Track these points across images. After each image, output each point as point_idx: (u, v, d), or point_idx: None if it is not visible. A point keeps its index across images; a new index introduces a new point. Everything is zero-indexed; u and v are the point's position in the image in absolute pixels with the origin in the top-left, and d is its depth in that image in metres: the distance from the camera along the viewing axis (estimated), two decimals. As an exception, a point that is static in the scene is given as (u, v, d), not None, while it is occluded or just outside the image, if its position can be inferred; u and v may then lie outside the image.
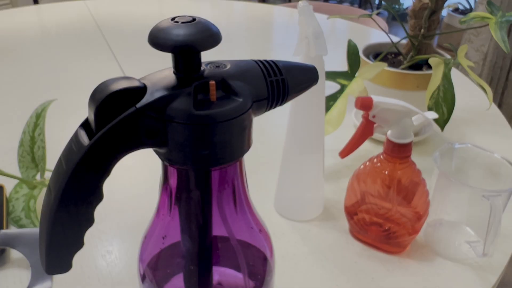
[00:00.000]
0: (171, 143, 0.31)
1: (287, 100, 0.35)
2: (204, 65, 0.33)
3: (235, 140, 0.32)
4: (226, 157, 0.32)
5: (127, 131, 0.30)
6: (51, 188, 0.31)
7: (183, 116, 0.29)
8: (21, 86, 1.07)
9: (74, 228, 0.32)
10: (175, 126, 0.30)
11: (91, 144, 0.29)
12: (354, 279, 0.56)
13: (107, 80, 0.30)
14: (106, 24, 1.48)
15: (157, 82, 0.31)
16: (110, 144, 0.30)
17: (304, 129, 0.60)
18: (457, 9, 3.16)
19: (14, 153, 0.66)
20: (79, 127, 0.31)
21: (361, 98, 0.54)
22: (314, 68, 0.36)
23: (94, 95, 0.30)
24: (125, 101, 0.29)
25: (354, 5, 3.86)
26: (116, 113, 0.29)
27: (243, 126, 0.32)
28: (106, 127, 0.29)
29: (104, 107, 0.29)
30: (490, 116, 0.94)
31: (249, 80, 0.32)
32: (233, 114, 0.30)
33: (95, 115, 0.29)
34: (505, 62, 2.19)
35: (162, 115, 0.30)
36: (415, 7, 0.81)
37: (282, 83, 0.34)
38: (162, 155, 0.33)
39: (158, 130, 0.30)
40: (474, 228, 0.60)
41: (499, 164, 0.57)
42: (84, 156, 0.29)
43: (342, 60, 0.81)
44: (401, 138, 0.54)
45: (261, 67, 0.33)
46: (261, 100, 0.33)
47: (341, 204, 0.63)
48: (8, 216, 0.62)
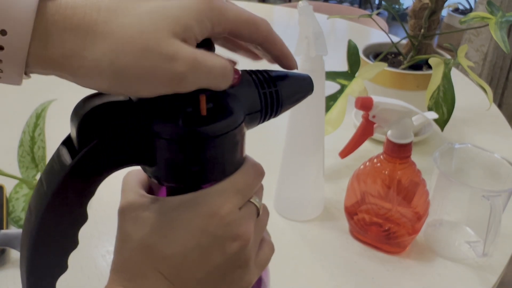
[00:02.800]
0: (159, 161, 0.29)
1: (281, 112, 0.33)
2: None
3: (227, 156, 0.30)
4: (219, 174, 0.30)
5: (112, 148, 0.28)
6: (32, 210, 0.29)
7: (171, 132, 0.28)
8: (21, 86, 1.07)
9: (57, 252, 0.30)
10: (163, 142, 0.28)
11: (73, 164, 0.27)
12: (354, 279, 0.56)
13: (90, 94, 0.28)
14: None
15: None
16: (94, 163, 0.28)
17: (304, 129, 0.60)
18: (457, 9, 3.16)
19: (14, 153, 0.66)
20: (61, 144, 0.29)
21: (361, 98, 0.54)
22: (309, 78, 0.35)
23: (76, 110, 0.28)
24: (109, 115, 0.27)
25: (354, 5, 3.86)
26: (100, 129, 0.27)
27: (235, 140, 0.30)
28: (89, 144, 0.27)
29: (87, 123, 0.27)
30: (490, 116, 0.94)
31: (241, 93, 0.30)
32: (224, 128, 0.29)
33: (78, 132, 0.27)
34: (505, 62, 2.18)
35: (148, 131, 0.28)
36: (415, 7, 0.81)
37: (275, 95, 0.32)
38: (149, 173, 0.31)
39: (145, 147, 0.28)
40: (474, 228, 0.60)
41: (499, 164, 0.57)
42: (66, 176, 0.27)
43: (342, 60, 0.81)
44: (401, 138, 0.53)
45: (254, 78, 0.32)
46: (254, 113, 0.31)
47: (341, 204, 0.63)
48: (8, 216, 0.62)
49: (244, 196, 0.31)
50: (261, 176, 0.33)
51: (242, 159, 0.32)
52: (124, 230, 0.30)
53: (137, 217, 0.30)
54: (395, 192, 0.56)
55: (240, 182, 0.31)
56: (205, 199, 0.30)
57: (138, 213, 0.30)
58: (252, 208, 0.32)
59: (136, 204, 0.30)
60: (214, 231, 0.29)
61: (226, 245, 0.30)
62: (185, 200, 0.30)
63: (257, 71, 0.33)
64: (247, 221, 0.31)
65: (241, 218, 0.30)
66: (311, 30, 0.53)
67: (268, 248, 0.35)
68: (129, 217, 0.30)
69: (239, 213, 0.31)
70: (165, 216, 0.29)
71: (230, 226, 0.30)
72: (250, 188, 0.32)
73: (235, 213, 0.30)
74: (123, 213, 0.31)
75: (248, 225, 0.31)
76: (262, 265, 0.33)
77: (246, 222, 0.31)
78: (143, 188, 0.32)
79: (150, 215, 0.30)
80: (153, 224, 0.29)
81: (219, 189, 0.30)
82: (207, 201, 0.30)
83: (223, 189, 0.30)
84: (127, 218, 0.30)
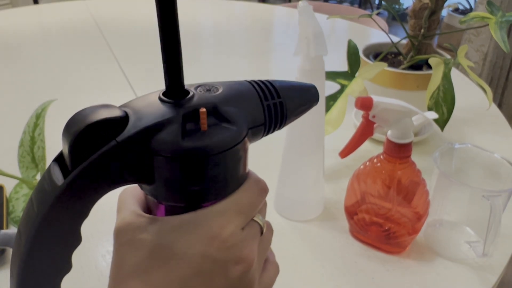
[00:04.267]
0: (158, 179, 0.27)
1: (285, 124, 0.32)
2: (193, 89, 0.29)
3: (229, 173, 0.29)
4: (220, 192, 0.29)
5: (107, 167, 0.26)
6: (21, 232, 0.28)
7: (170, 149, 0.26)
8: (21, 86, 1.07)
9: (48, 276, 0.28)
10: (162, 160, 0.26)
11: (66, 184, 0.26)
12: (354, 279, 0.56)
13: (84, 109, 0.27)
14: (106, 24, 1.48)
15: (140, 110, 0.27)
16: (88, 183, 0.26)
17: (304, 129, 0.60)
18: (457, 9, 3.16)
19: (14, 153, 0.66)
20: (52, 162, 0.27)
21: (361, 98, 0.54)
22: (314, 88, 0.33)
23: (68, 127, 0.26)
24: (104, 133, 0.26)
25: (354, 5, 3.86)
26: (94, 148, 0.26)
27: (238, 156, 0.28)
28: (83, 164, 0.26)
29: (81, 141, 0.26)
30: (490, 116, 0.94)
31: (244, 105, 0.29)
32: (227, 144, 0.27)
33: (70, 151, 0.26)
34: (505, 62, 2.18)
35: (146, 148, 0.26)
36: (415, 7, 0.81)
37: (280, 106, 0.30)
38: (147, 190, 0.29)
39: (143, 165, 0.27)
40: (474, 228, 0.60)
41: (499, 164, 0.57)
42: (58, 197, 0.26)
43: (342, 60, 0.81)
44: (401, 138, 0.54)
45: (257, 89, 0.30)
46: (257, 126, 0.29)
47: (341, 204, 0.63)
48: (8, 216, 0.62)
49: (247, 216, 0.30)
50: (265, 193, 0.32)
51: (245, 175, 0.31)
52: (120, 254, 0.28)
53: (133, 240, 0.28)
54: (395, 192, 0.56)
55: (242, 201, 0.29)
56: (205, 220, 0.28)
57: (135, 235, 0.28)
58: (255, 227, 0.30)
59: (133, 225, 0.28)
60: (215, 255, 0.28)
61: (228, 269, 0.28)
62: (185, 221, 0.28)
63: (260, 81, 0.31)
64: (250, 242, 0.29)
65: (244, 239, 0.29)
66: (311, 30, 0.53)
67: (273, 269, 0.33)
68: (125, 240, 0.28)
69: (242, 234, 0.29)
70: (163, 239, 0.28)
71: (233, 249, 0.28)
72: (253, 207, 0.30)
73: (237, 235, 0.28)
74: (118, 235, 0.29)
75: (252, 247, 0.29)
76: (266, 287, 0.32)
77: (249, 243, 0.29)
78: (140, 206, 0.30)
79: (147, 238, 0.28)
80: (151, 248, 0.28)
81: (221, 209, 0.28)
82: (208, 223, 0.28)
83: (224, 209, 0.29)
84: (123, 241, 0.28)
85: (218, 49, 1.36)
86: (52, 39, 1.39)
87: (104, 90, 1.04)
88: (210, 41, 1.43)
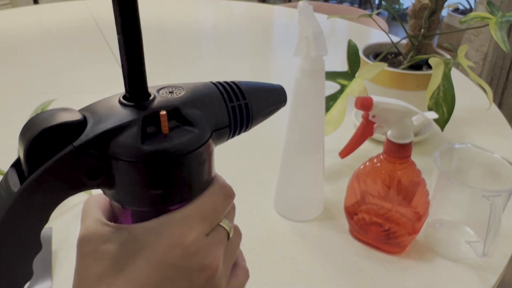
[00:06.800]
0: (120, 183, 0.27)
1: (252, 126, 0.31)
2: (155, 91, 0.28)
3: (193, 176, 0.28)
4: (186, 195, 0.28)
5: (64, 173, 0.25)
6: None
7: (129, 153, 0.25)
8: (21, 86, 1.07)
9: (9, 284, 0.27)
10: (121, 164, 0.26)
11: (21, 190, 0.25)
12: (354, 279, 0.56)
13: (41, 113, 0.26)
14: (106, 24, 1.48)
15: (100, 113, 0.27)
16: (44, 190, 0.25)
17: (304, 129, 0.60)
18: (457, 9, 3.16)
19: (14, 153, 0.66)
20: (10, 167, 0.26)
21: (361, 98, 0.54)
22: (281, 89, 0.33)
23: (24, 132, 0.25)
24: (61, 137, 0.25)
25: (354, 5, 3.86)
26: (50, 153, 0.25)
27: (201, 159, 0.28)
28: (38, 169, 0.25)
29: (35, 147, 0.25)
30: (490, 116, 0.94)
31: (208, 107, 0.28)
32: (188, 147, 0.26)
33: (25, 156, 0.25)
34: (505, 62, 2.19)
35: (105, 152, 0.26)
36: (415, 7, 0.81)
37: (245, 108, 0.30)
38: (110, 196, 0.29)
39: (102, 169, 0.26)
40: (474, 228, 0.60)
41: (499, 164, 0.57)
42: (15, 204, 0.25)
43: (342, 60, 0.81)
44: (401, 138, 0.53)
45: (221, 91, 0.30)
46: (222, 128, 0.29)
47: (341, 204, 0.63)
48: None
49: (211, 222, 0.29)
50: (231, 199, 0.31)
51: (210, 178, 0.30)
52: (83, 264, 0.28)
53: (96, 250, 0.27)
54: (395, 192, 0.56)
55: (206, 207, 0.29)
56: (167, 227, 0.27)
57: (98, 245, 0.27)
58: (221, 232, 0.30)
59: (96, 235, 0.28)
60: (178, 263, 0.27)
61: (193, 277, 0.27)
62: (147, 229, 0.27)
63: (225, 82, 0.31)
64: (214, 248, 0.29)
65: (208, 245, 0.28)
66: (311, 30, 0.53)
67: (242, 273, 0.32)
68: (88, 250, 0.28)
69: (206, 240, 0.28)
70: (126, 248, 0.27)
71: (196, 256, 0.27)
72: (218, 213, 0.29)
73: (200, 241, 0.28)
74: (81, 245, 0.28)
75: (216, 253, 0.29)
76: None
77: (214, 249, 0.28)
78: (104, 214, 0.30)
79: (110, 248, 0.27)
80: (114, 258, 0.27)
81: (183, 215, 0.28)
82: (170, 230, 0.27)
83: (187, 215, 0.28)
84: (85, 251, 0.28)
85: (218, 49, 1.36)
86: (52, 39, 1.39)
87: (103, 90, 1.04)
88: (210, 41, 1.42)
